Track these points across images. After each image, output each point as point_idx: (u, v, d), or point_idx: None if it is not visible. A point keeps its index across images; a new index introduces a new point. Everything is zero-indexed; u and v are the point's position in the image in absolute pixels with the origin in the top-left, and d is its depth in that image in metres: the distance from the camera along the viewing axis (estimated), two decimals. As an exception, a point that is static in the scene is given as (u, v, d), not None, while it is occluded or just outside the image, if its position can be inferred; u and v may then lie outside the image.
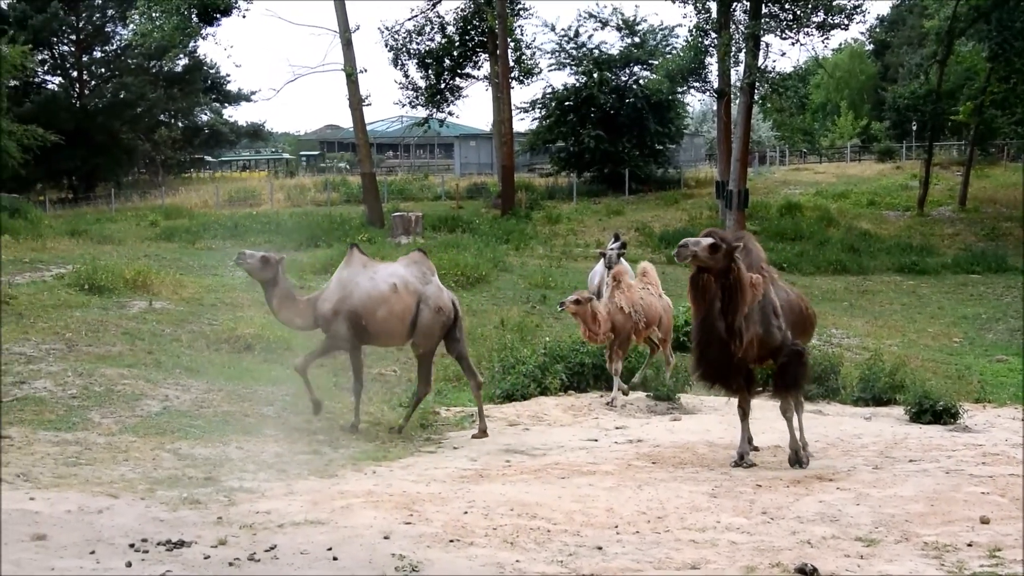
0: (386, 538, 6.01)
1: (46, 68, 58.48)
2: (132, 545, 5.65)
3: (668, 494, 7.40)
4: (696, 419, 11.30)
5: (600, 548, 5.95)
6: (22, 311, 15.24)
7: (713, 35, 36.67)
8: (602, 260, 16.80)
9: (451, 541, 6.02)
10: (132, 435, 9.28)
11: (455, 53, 46.80)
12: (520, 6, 46.39)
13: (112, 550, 5.56)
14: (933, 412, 11.56)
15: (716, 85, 38.42)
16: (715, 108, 43.38)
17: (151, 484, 7.40)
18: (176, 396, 11.12)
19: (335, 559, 5.56)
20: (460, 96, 48.57)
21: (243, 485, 7.53)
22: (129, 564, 5.27)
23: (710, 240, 8.27)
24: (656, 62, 44.70)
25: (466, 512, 6.76)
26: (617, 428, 10.62)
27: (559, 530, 6.36)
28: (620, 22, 48.45)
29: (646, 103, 46.12)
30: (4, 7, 55.84)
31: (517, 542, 6.06)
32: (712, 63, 38.26)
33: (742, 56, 35.97)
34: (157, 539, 5.78)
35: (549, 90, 49.40)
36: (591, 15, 48.52)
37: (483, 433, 10.21)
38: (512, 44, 43.58)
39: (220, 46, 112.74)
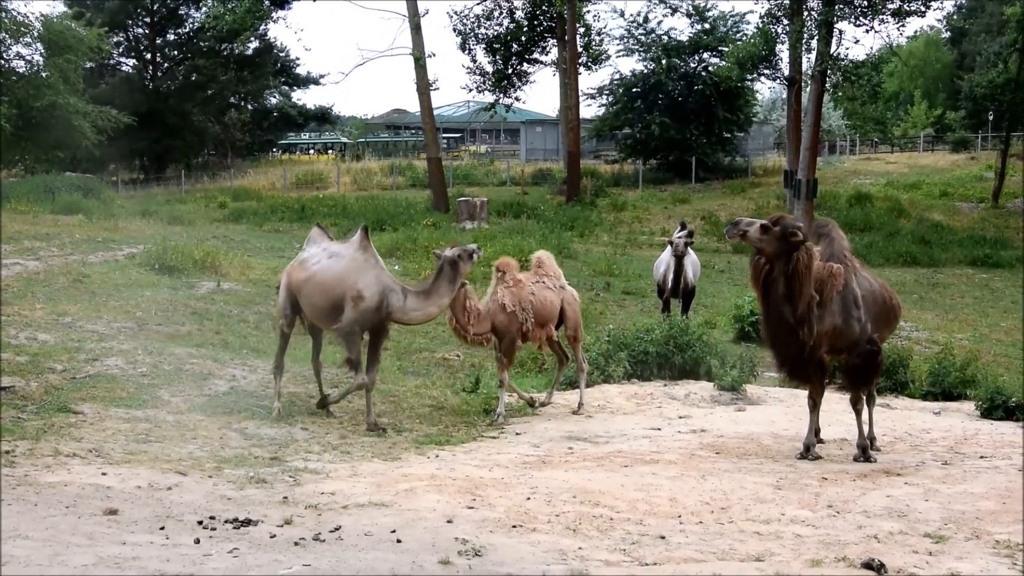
0: (449, 522, 6.03)
1: (121, 50, 59.40)
2: (200, 522, 5.73)
3: (732, 485, 7.34)
4: (761, 410, 11.19)
5: (663, 537, 5.92)
6: (95, 290, 15.50)
7: (785, 22, 36.18)
8: (669, 248, 16.70)
9: (514, 526, 6.02)
10: (200, 414, 9.41)
11: (523, 38, 46.69)
12: (589, -9, 46.18)
13: (181, 526, 5.65)
14: (1005, 408, 11.32)
15: (787, 73, 37.91)
16: (785, 96, 42.82)
17: (218, 463, 7.50)
18: (243, 376, 11.25)
19: (399, 541, 5.58)
20: (527, 81, 48.48)
21: (308, 466, 7.60)
22: (198, 541, 5.35)
23: (761, 221, 8.22)
24: (726, 49, 44.21)
25: (529, 498, 6.76)
26: (680, 417, 10.55)
27: (622, 518, 6.34)
28: (690, 8, 47.99)
29: (715, 90, 45.68)
30: (81, -10, 56.72)
31: (580, 529, 6.04)
32: (783, 50, 37.80)
33: (814, 43, 35.42)
34: (224, 517, 5.85)
35: (617, 76, 49.22)
36: (661, 1, 48.15)
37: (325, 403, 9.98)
38: (581, 30, 43.44)
39: (291, 29, 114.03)
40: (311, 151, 72.46)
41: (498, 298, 10.76)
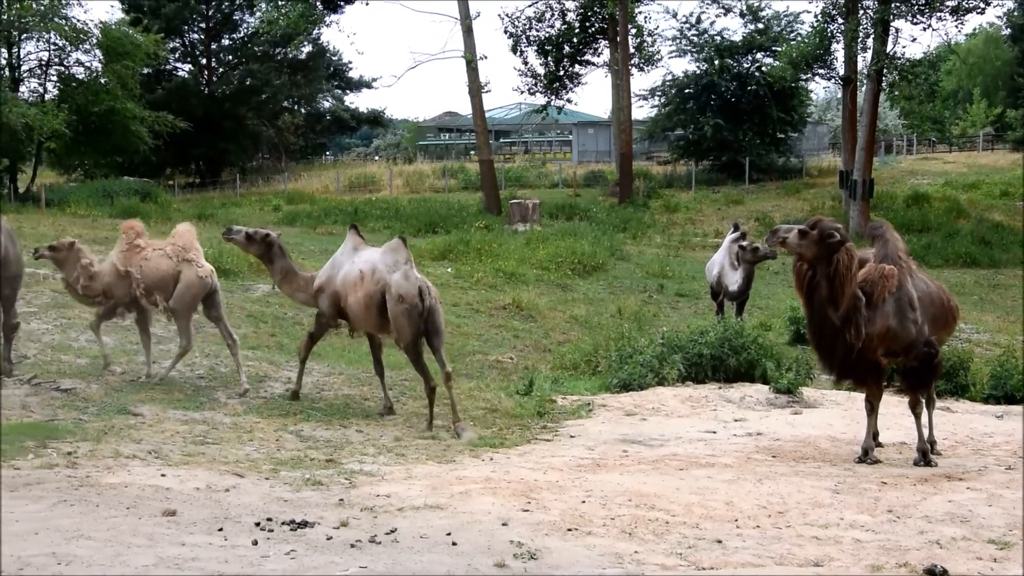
0: (504, 525, 6.02)
1: (177, 56, 60.20)
2: (258, 524, 5.77)
3: (789, 489, 7.26)
4: (817, 413, 11.06)
5: (720, 541, 5.86)
6: (152, 292, 15.69)
7: (840, 20, 35.82)
8: (720, 251, 16.57)
9: (569, 530, 6.00)
10: (256, 416, 9.50)
11: (575, 40, 46.63)
12: (642, -7, 46.03)
13: (239, 528, 5.69)
14: (1069, 412, 11.11)
15: (842, 72, 37.53)
16: (840, 95, 42.38)
17: (275, 464, 7.55)
18: (299, 378, 11.32)
19: (454, 544, 5.58)
20: (579, 83, 48.44)
21: (363, 468, 7.63)
22: (255, 542, 5.38)
23: (799, 226, 8.17)
24: (780, 49, 43.84)
25: (584, 501, 6.73)
26: (736, 420, 10.46)
27: (678, 522, 6.29)
28: (744, 8, 47.62)
29: (768, 90, 45.27)
30: (139, -4, 57.51)
31: (635, 533, 6.01)
32: (838, 49, 37.41)
33: (870, 42, 35.04)
34: (281, 519, 5.89)
35: (669, 77, 49.02)
36: (714, 1, 47.80)
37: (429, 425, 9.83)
38: (633, 31, 43.32)
39: (343, 33, 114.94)
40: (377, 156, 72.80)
41: (113, 260, 10.98)
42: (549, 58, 47.13)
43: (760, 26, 47.52)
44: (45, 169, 55.49)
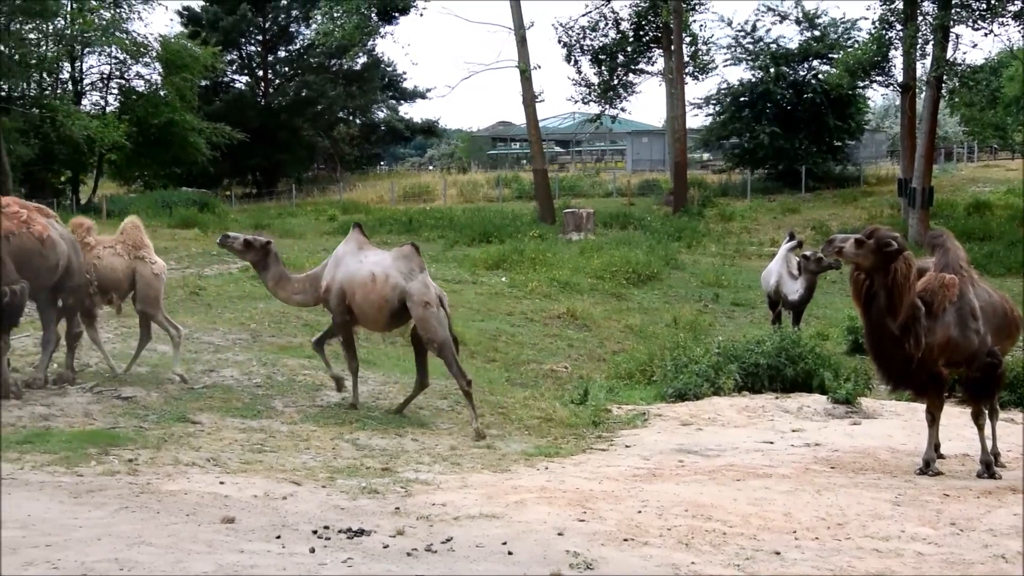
0: (560, 534, 6.01)
1: (234, 68, 61.02)
2: (315, 531, 5.80)
3: (848, 500, 7.17)
4: (877, 424, 10.92)
5: (778, 553, 5.80)
6: (210, 302, 15.91)
7: (899, 27, 35.41)
8: (777, 260, 16.43)
9: (625, 540, 5.97)
10: (313, 424, 9.56)
11: (629, 49, 46.52)
12: (696, 1, 45.81)
13: (296, 535, 5.73)
14: None
15: (900, 79, 37.06)
16: (898, 103, 41.86)
17: (331, 473, 7.60)
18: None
19: (510, 553, 5.58)
20: (633, 92, 48.29)
21: (419, 477, 7.65)
22: (313, 550, 5.41)
23: (855, 235, 8.07)
24: (837, 56, 43.38)
25: (640, 511, 6.70)
26: (793, 431, 10.36)
27: (735, 533, 6.24)
28: (800, 15, 47.18)
29: (825, 98, 44.79)
30: (197, 9, 58.39)
31: (692, 543, 5.96)
32: (897, 56, 36.95)
33: (929, 48, 34.58)
34: (338, 527, 5.92)
35: (724, 85, 48.69)
36: (770, 8, 47.43)
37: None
38: (687, 39, 43.16)
39: (398, 44, 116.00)
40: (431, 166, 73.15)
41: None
42: (603, 67, 47.05)
43: (816, 33, 47.00)
44: (106, 180, 56.47)
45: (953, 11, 33.82)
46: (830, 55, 45.84)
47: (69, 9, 46.13)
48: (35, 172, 46.84)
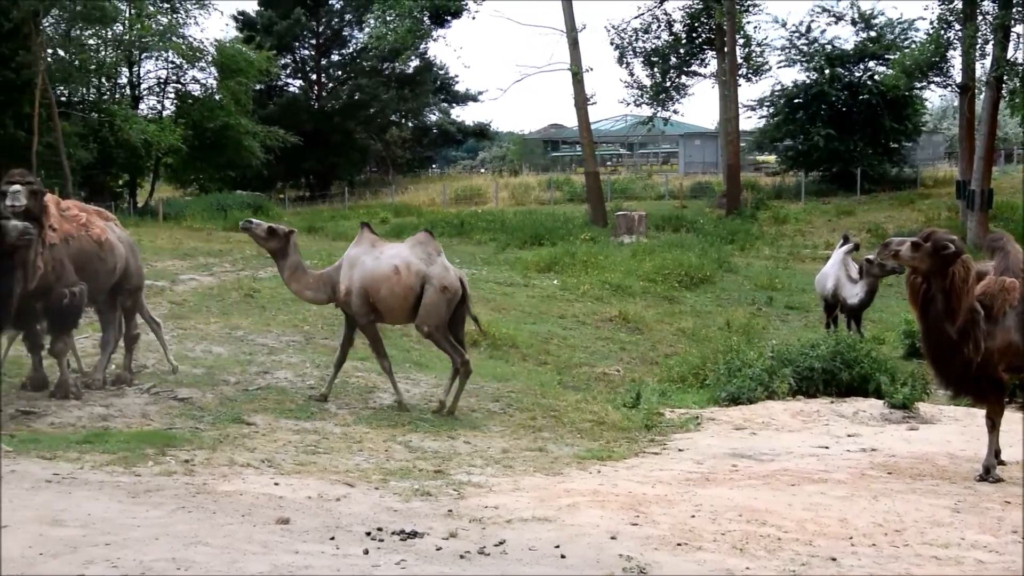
0: (613, 538, 5.98)
1: (288, 72, 61.49)
2: (368, 533, 5.83)
3: (906, 507, 7.06)
4: (935, 429, 10.76)
5: (834, 559, 5.73)
6: (264, 304, 16.05)
7: (957, 26, 34.88)
8: (833, 264, 16.24)
9: (678, 544, 5.93)
10: (366, 426, 9.61)
11: (681, 51, 46.34)
12: (750, 2, 45.50)
13: (350, 537, 5.76)
14: None
15: (959, 79, 36.53)
16: (957, 103, 41.27)
17: (384, 474, 7.63)
18: (406, 390, 11.43)
19: (563, 557, 5.56)
20: (685, 94, 48.10)
21: (471, 479, 7.66)
22: (366, 552, 5.44)
23: (912, 239, 7.95)
24: (893, 56, 42.83)
25: (693, 515, 6.65)
26: (849, 436, 10.23)
27: (790, 538, 6.17)
28: (856, 16, 46.62)
29: (881, 99, 44.23)
30: (252, 14, 58.97)
31: (746, 549, 5.91)
32: (955, 56, 36.41)
33: (989, 48, 34.04)
34: (391, 528, 5.94)
35: (777, 87, 48.26)
36: (825, 9, 46.90)
37: (443, 409, 10.45)
38: (740, 41, 42.87)
39: (450, 47, 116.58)
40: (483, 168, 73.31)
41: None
42: (655, 69, 46.88)
43: (872, 34, 46.45)
44: (163, 183, 57.17)
45: (1014, 10, 33.24)
46: (886, 56, 45.24)
47: (127, 15, 46.78)
48: (94, 175, 47.48)
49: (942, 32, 35.77)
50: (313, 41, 61.34)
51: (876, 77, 45.13)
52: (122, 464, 7.34)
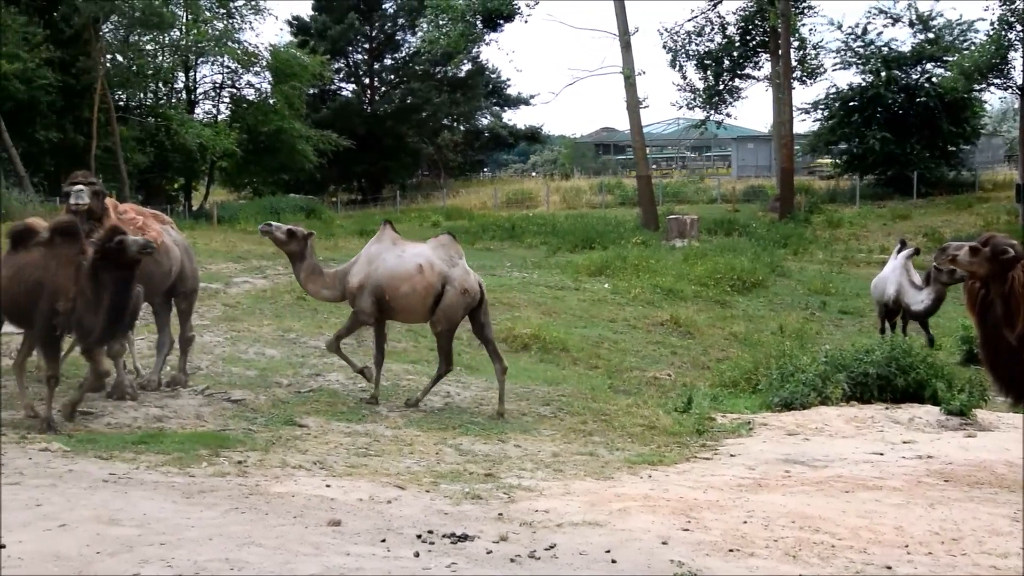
0: (664, 543, 5.95)
1: (341, 76, 61.93)
2: (419, 536, 5.84)
3: (963, 515, 6.95)
4: (993, 436, 10.57)
5: (889, 568, 5.66)
6: (317, 307, 16.13)
7: (1019, 27, 34.34)
8: (895, 269, 15.99)
9: (730, 550, 5.88)
10: (416, 429, 9.64)
11: (735, 54, 46.08)
12: (805, 4, 45.10)
13: (401, 539, 5.78)
14: None
15: (1020, 81, 35.96)
16: (1017, 106, 40.61)
17: (435, 478, 7.65)
18: (457, 393, 11.47)
19: (613, 562, 5.54)
20: (739, 97, 47.81)
21: (521, 483, 7.65)
22: (417, 554, 5.45)
23: (970, 243, 7.83)
24: (952, 59, 42.22)
25: (745, 521, 6.60)
26: (904, 442, 10.09)
27: (844, 546, 6.10)
28: (913, 17, 46.02)
29: (938, 102, 43.59)
30: (307, 19, 59.51)
31: (800, 556, 5.85)
32: (1016, 58, 35.87)
33: (1052, 49, 33.52)
34: (442, 531, 5.95)
35: (833, 90, 47.74)
36: (881, 11, 46.34)
37: (500, 415, 10.53)
38: (795, 43, 42.49)
39: (502, 51, 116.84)
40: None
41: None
42: (708, 72, 46.65)
43: (931, 35, 45.79)
44: (217, 187, 57.83)
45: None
46: (945, 58, 44.61)
47: (185, 20, 47.42)
48: (150, 179, 48.18)
49: (1003, 33, 35.26)
50: (366, 45, 61.78)
51: (934, 80, 44.51)
52: (177, 465, 7.43)
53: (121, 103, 46.11)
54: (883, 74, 45.10)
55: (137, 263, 8.64)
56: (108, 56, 44.22)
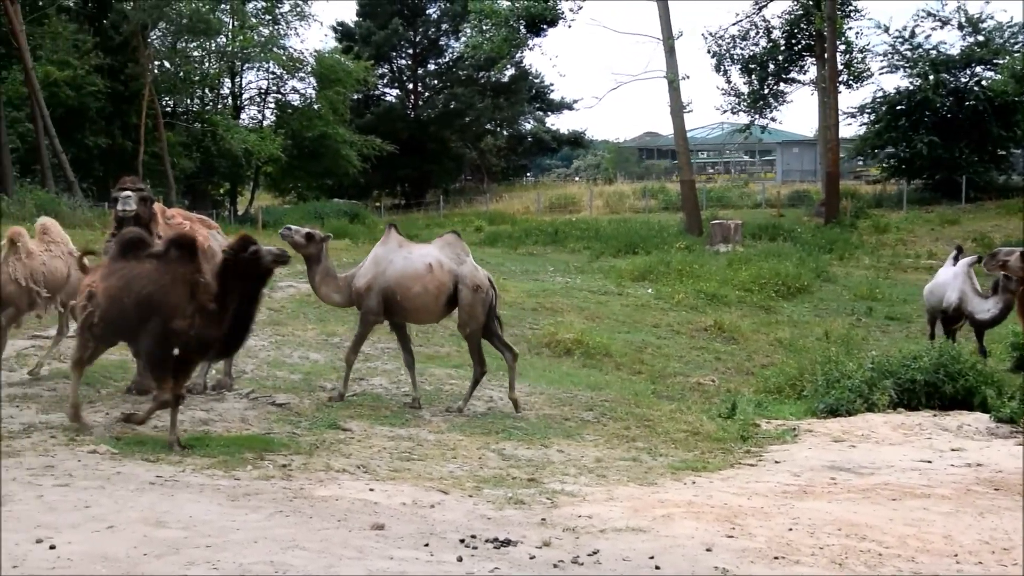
0: (708, 550, 5.91)
1: (385, 81, 62.26)
2: (462, 540, 5.84)
3: (1014, 524, 6.84)
4: (1044, 445, 10.42)
5: (938, 577, 5.59)
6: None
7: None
8: (956, 276, 15.73)
9: (776, 558, 5.83)
10: (459, 434, 9.65)
11: (780, 57, 45.77)
12: (851, 7, 44.69)
13: (444, 544, 5.78)
14: None
15: (1072, 85, 35.42)
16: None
17: (478, 482, 7.65)
18: (500, 398, 11.47)
19: (657, 568, 5.51)
20: (784, 101, 47.48)
21: (564, 488, 7.64)
22: (460, 559, 5.45)
23: (1021, 249, 7.73)
24: (1002, 62, 41.62)
25: (790, 529, 6.54)
26: (953, 450, 9.96)
27: (891, 554, 6.03)
28: (963, 20, 45.41)
29: (988, 105, 43.00)
30: (351, 25, 59.91)
31: (846, 564, 5.79)
32: (1069, 59, 35.30)
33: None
34: (485, 536, 5.94)
35: (879, 94, 47.24)
36: (930, 14, 45.77)
37: (515, 404, 10.82)
38: (841, 47, 42.09)
39: (545, 56, 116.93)
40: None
41: (10, 271, 10.29)
42: (753, 76, 46.39)
43: (980, 38, 45.18)
44: (262, 192, 58.33)
45: None
46: (995, 61, 44.00)
47: (231, 27, 47.90)
48: (196, 184, 48.74)
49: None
50: (410, 51, 62.05)
51: (984, 83, 43.93)
52: (222, 468, 7.48)
53: (168, 109, 46.72)
54: (931, 77, 44.52)
55: (270, 274, 8.38)
56: (156, 62, 44.82)
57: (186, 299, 8.05)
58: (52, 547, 5.17)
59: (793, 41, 45.62)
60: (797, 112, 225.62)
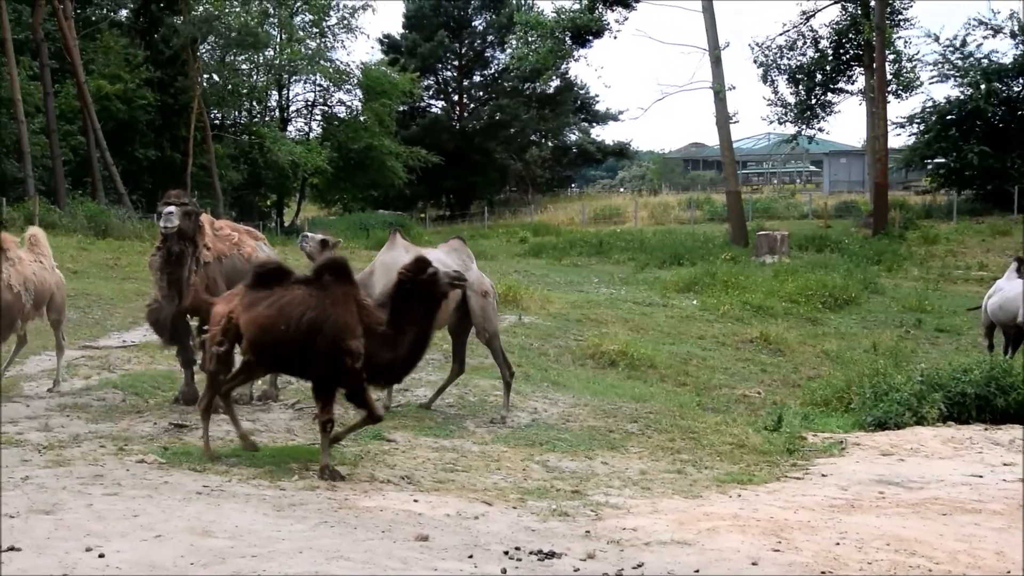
0: (754, 564, 5.86)
1: (431, 93, 62.58)
2: (506, 552, 5.83)
3: (1067, 542, 6.73)
4: (1098, 459, 10.23)
5: (989, 595, 5.50)
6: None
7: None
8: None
9: (822, 573, 5.77)
10: (503, 445, 9.64)
11: (828, 67, 45.44)
12: (901, 17, 44.26)
13: (488, 555, 5.77)
14: None
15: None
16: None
17: (522, 494, 7.63)
18: (544, 409, 11.45)
19: (702, 582, 5.48)
20: (831, 112, 47.10)
21: (609, 500, 7.61)
22: (504, 571, 5.44)
23: None
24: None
25: (838, 543, 6.47)
26: (1005, 464, 9.80)
27: (942, 570, 5.94)
28: (1015, 28, 44.78)
29: (1042, 115, 42.40)
30: (397, 37, 60.32)
31: (895, 580, 5.72)
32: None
33: None
34: (529, 548, 5.93)
35: (929, 104, 46.71)
36: (981, 22, 45.24)
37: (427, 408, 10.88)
38: (890, 56, 41.70)
39: (591, 67, 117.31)
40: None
41: (6, 279, 9.95)
42: (800, 87, 46.10)
43: (1033, 47, 44.57)
44: (308, 203, 58.74)
45: None
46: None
47: (279, 40, 48.38)
48: (244, 195, 49.18)
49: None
50: (456, 62, 62.32)
51: (1037, 92, 43.29)
52: (268, 478, 7.53)
53: (216, 121, 47.25)
54: (983, 87, 43.94)
55: (445, 296, 8.24)
56: (205, 76, 45.34)
57: (355, 319, 7.79)
58: (101, 555, 5.22)
59: (841, 51, 45.27)
60: (845, 122, 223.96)
